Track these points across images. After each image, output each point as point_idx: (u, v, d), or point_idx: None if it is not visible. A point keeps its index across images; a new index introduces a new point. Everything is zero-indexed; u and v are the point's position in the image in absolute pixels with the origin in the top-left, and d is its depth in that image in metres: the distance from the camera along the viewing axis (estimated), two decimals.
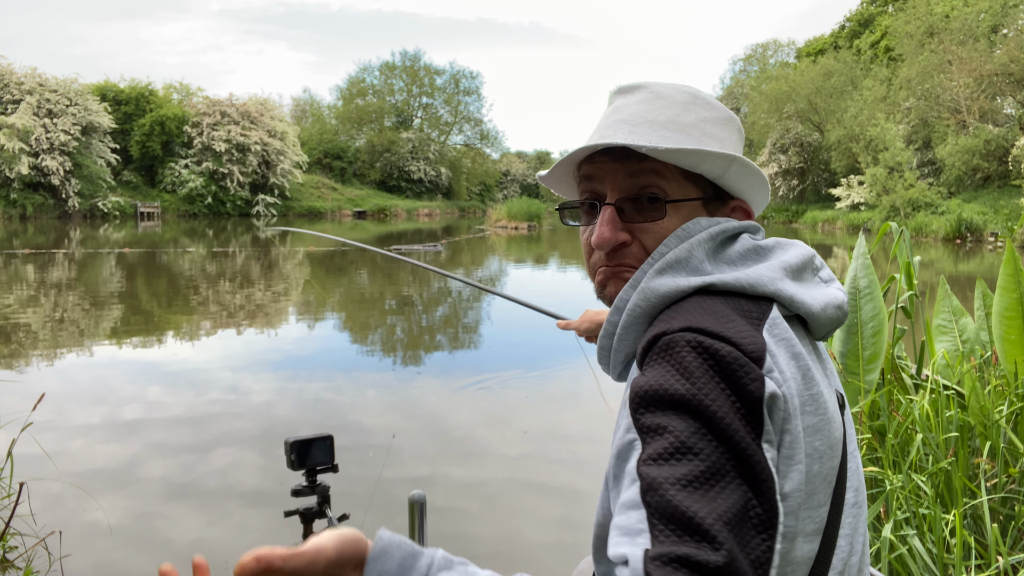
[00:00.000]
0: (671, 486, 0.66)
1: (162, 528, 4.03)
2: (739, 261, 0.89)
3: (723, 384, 0.71)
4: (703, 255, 0.88)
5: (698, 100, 0.98)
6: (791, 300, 0.84)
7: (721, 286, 0.83)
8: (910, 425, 2.97)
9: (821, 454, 0.79)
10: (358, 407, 6.55)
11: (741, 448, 0.68)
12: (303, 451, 1.97)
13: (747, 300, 0.83)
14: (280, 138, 50.83)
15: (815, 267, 0.94)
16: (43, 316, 10.83)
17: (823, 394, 0.81)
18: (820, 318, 0.87)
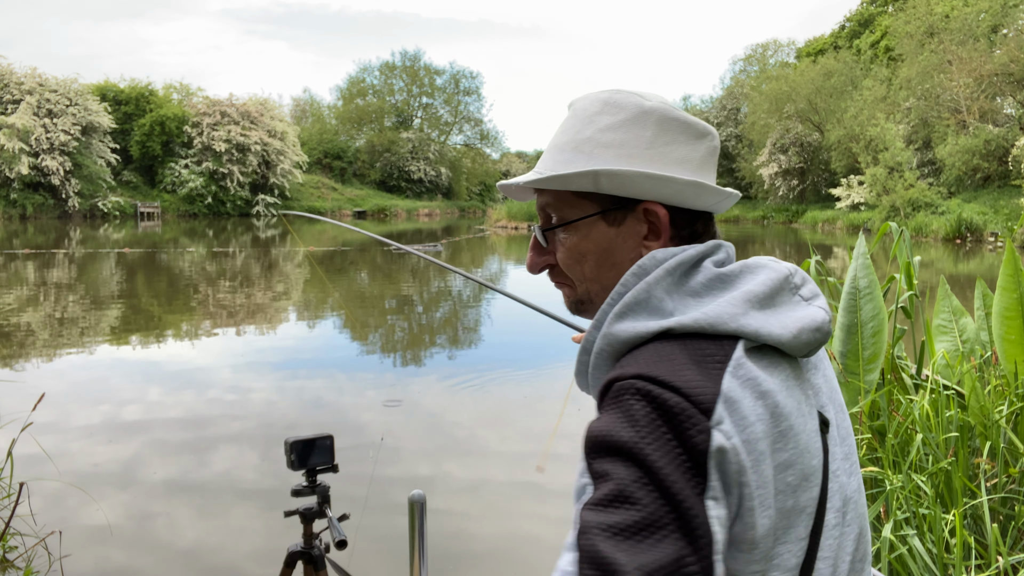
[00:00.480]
0: (601, 532, 0.66)
1: (162, 528, 4.03)
2: (704, 292, 0.85)
3: (669, 435, 0.71)
4: (662, 293, 0.85)
5: (608, 106, 0.93)
6: (756, 334, 0.81)
7: (680, 330, 0.81)
8: (910, 425, 2.97)
9: (795, 487, 0.78)
10: (358, 407, 6.55)
11: (679, 501, 0.68)
12: (303, 451, 1.97)
13: (709, 341, 0.80)
14: (280, 138, 50.84)
15: (793, 286, 0.88)
16: (43, 316, 10.83)
17: (795, 426, 0.80)
18: (793, 345, 0.83)
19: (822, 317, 0.86)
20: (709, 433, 0.72)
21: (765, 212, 50.23)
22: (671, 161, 0.91)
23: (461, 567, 3.61)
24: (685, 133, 0.92)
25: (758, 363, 0.80)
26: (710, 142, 0.94)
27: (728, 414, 0.74)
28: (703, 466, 0.71)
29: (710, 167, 0.94)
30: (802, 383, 0.85)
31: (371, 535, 3.92)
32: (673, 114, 0.92)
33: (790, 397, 0.81)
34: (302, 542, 2.03)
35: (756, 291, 0.84)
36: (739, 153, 57.68)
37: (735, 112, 60.59)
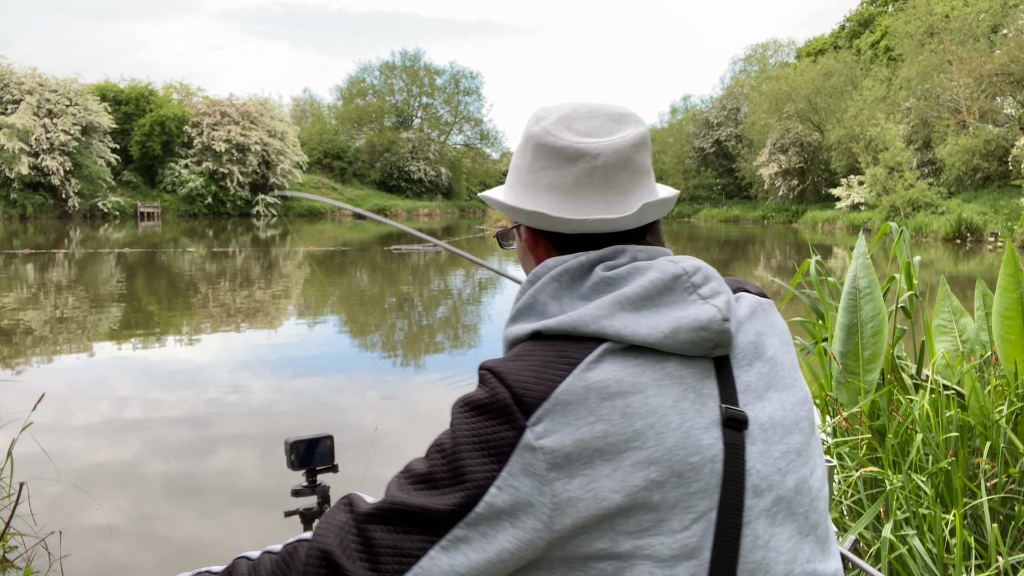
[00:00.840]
0: (401, 476, 0.87)
1: (162, 528, 4.03)
2: (591, 296, 0.91)
3: (485, 423, 0.83)
4: (547, 298, 0.93)
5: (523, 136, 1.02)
6: (618, 335, 0.85)
7: (547, 331, 0.89)
8: (910, 425, 2.97)
9: (662, 483, 0.82)
10: (358, 407, 6.55)
11: (461, 475, 0.81)
12: (303, 451, 1.97)
13: (572, 342, 0.87)
14: (280, 138, 50.83)
15: (688, 285, 0.90)
16: (43, 316, 10.84)
17: (656, 425, 0.83)
18: (667, 345, 0.85)
19: (709, 316, 0.88)
20: (521, 431, 0.81)
21: (765, 212, 50.23)
22: (541, 187, 0.97)
23: None
24: (555, 159, 0.96)
25: (622, 363, 0.85)
26: (587, 163, 0.94)
27: (552, 416, 0.81)
28: (505, 457, 0.81)
29: (585, 188, 0.95)
30: (693, 382, 0.87)
31: None
32: (546, 140, 0.96)
33: (662, 396, 0.84)
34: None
35: (630, 293, 0.88)
36: (739, 153, 57.68)
37: (735, 112, 60.58)
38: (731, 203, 58.28)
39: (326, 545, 0.81)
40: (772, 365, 0.95)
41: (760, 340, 0.96)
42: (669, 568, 0.81)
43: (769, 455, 0.88)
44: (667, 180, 62.76)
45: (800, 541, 0.89)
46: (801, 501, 0.90)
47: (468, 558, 0.80)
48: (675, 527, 0.82)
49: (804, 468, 0.92)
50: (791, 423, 0.93)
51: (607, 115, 0.99)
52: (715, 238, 34.85)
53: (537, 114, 1.01)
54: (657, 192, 1.02)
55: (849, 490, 2.84)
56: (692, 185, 62.34)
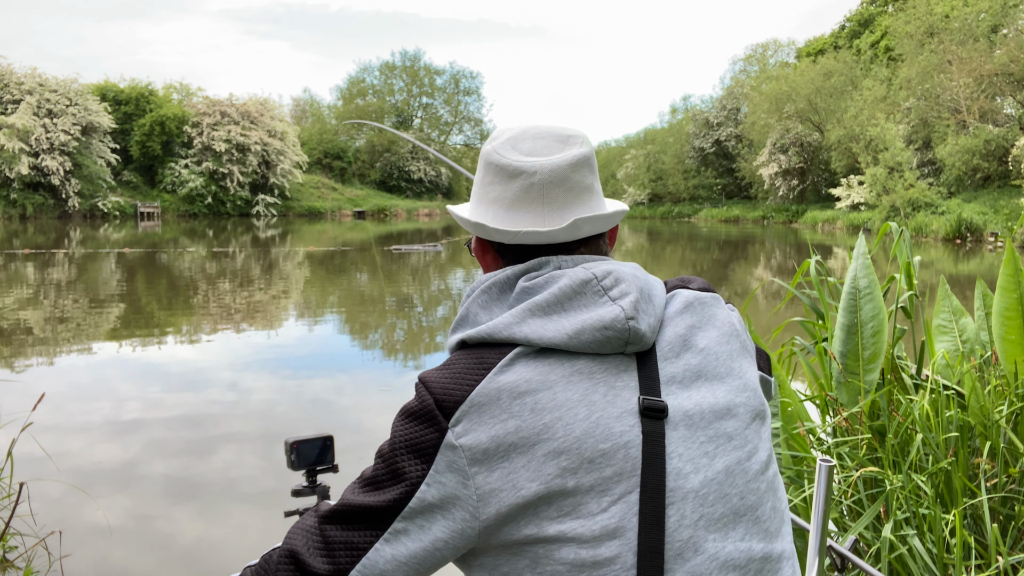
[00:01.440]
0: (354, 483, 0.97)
1: (162, 528, 4.03)
2: (514, 305, 1.00)
3: (414, 427, 0.93)
4: (478, 309, 1.02)
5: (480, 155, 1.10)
6: (527, 340, 0.94)
7: (470, 340, 0.99)
8: (910, 425, 2.97)
9: (575, 470, 0.88)
10: (358, 407, 6.55)
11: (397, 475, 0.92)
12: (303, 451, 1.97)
13: (491, 348, 0.96)
14: (280, 138, 50.83)
15: (598, 289, 0.97)
16: (43, 316, 10.84)
17: (563, 418, 0.90)
18: (573, 345, 0.94)
19: (612, 315, 0.95)
20: (444, 432, 0.91)
21: (765, 212, 50.23)
22: (488, 200, 1.07)
23: None
24: (499, 175, 1.05)
25: (532, 364, 0.94)
26: (525, 180, 1.03)
27: (470, 417, 0.91)
28: (431, 456, 0.91)
29: (524, 203, 1.03)
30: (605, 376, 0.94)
31: None
32: (492, 158, 1.06)
33: (570, 391, 0.92)
34: None
35: (540, 301, 0.97)
36: (739, 153, 57.67)
37: (735, 112, 60.57)
38: (731, 203, 58.27)
39: (293, 546, 0.93)
40: (704, 356, 1.01)
41: (690, 333, 1.02)
42: (593, 548, 0.87)
43: (694, 440, 0.94)
44: (667, 180, 62.79)
45: (733, 521, 0.94)
46: (735, 483, 0.95)
47: (407, 548, 0.91)
48: (593, 510, 0.88)
49: (738, 452, 0.97)
50: (722, 409, 0.98)
51: (554, 136, 1.07)
52: (715, 238, 34.84)
53: (493, 134, 1.11)
54: (599, 208, 1.08)
55: (849, 490, 2.84)
56: (692, 185, 62.34)
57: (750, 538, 0.94)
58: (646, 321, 0.97)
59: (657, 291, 1.03)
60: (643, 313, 0.97)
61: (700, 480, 0.92)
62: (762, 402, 1.05)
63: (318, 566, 0.91)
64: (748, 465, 0.97)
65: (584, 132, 1.10)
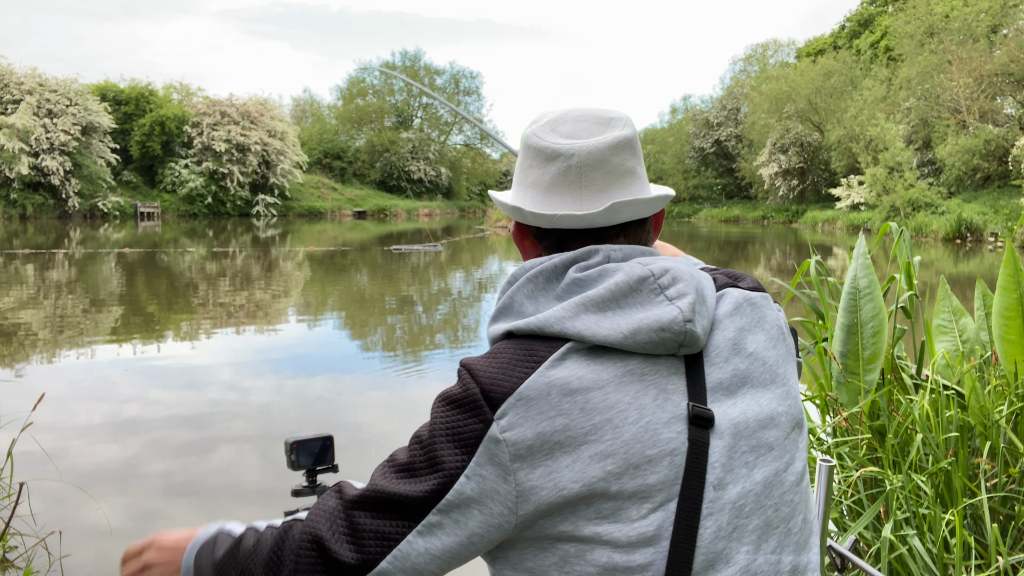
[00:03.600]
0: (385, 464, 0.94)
1: (162, 528, 4.03)
2: (563, 296, 0.96)
3: (457, 416, 0.90)
4: (523, 298, 0.98)
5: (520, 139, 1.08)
6: (580, 336, 0.91)
7: (518, 332, 0.95)
8: (910, 425, 2.97)
9: (620, 474, 0.86)
10: (358, 407, 6.55)
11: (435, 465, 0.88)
12: (303, 451, 1.96)
13: (540, 341, 0.93)
14: (280, 138, 50.82)
15: (655, 287, 0.94)
16: (43, 316, 10.84)
17: (613, 420, 0.87)
18: (628, 345, 0.90)
19: (670, 316, 0.91)
20: (488, 424, 0.87)
21: (765, 212, 50.22)
22: (528, 183, 1.04)
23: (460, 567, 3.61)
24: (537, 158, 1.03)
25: (584, 362, 0.90)
26: (563, 162, 1.00)
27: (516, 410, 0.87)
28: (473, 448, 0.87)
29: (561, 186, 1.01)
30: (656, 379, 0.91)
31: None
32: (532, 141, 1.04)
33: (622, 392, 0.89)
34: None
35: (595, 295, 0.93)
36: (739, 153, 57.66)
37: (735, 112, 60.57)
38: (731, 203, 58.27)
39: (316, 530, 0.89)
40: (751, 361, 0.98)
41: (740, 337, 0.98)
42: (627, 553, 0.86)
43: (736, 450, 0.92)
44: (667, 180, 62.73)
45: (766, 532, 0.92)
46: (771, 494, 0.94)
47: (442, 542, 0.88)
48: (632, 516, 0.87)
49: (777, 463, 0.95)
50: (766, 419, 0.96)
51: (595, 119, 1.04)
52: (715, 238, 34.84)
53: (534, 117, 1.07)
54: (641, 192, 1.03)
55: (849, 490, 2.84)
56: (692, 185, 62.32)
57: (781, 550, 0.93)
58: (701, 324, 0.94)
59: (710, 291, 0.99)
60: (699, 315, 0.94)
61: (738, 491, 0.91)
62: (801, 410, 1.03)
63: (345, 555, 0.88)
64: (785, 476, 0.96)
65: (628, 114, 1.06)
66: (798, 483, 0.97)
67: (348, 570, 0.87)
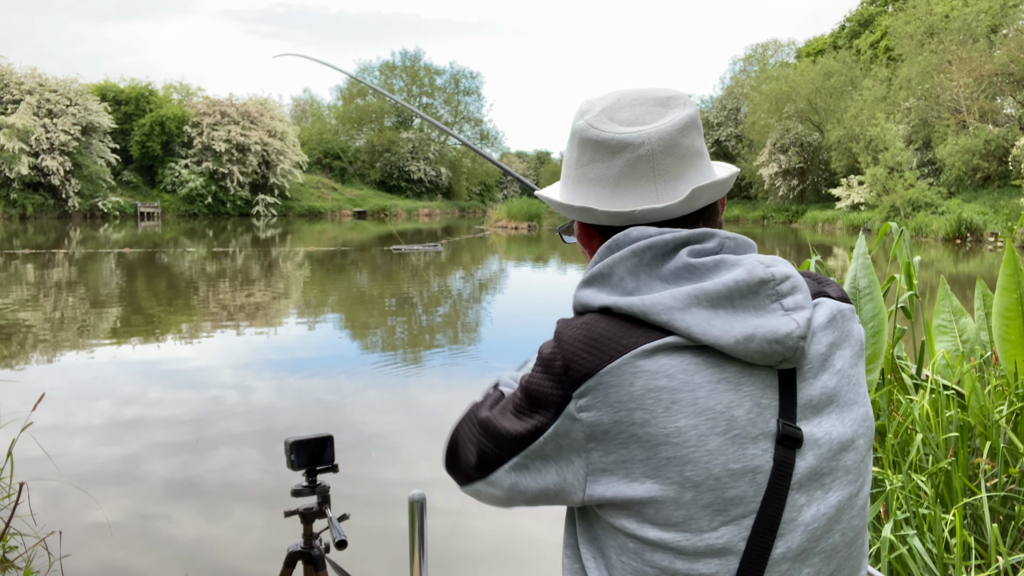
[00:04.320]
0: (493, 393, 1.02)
1: (162, 528, 4.03)
2: (671, 280, 0.89)
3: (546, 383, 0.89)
4: (624, 272, 0.90)
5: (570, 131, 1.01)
6: (687, 331, 0.84)
7: (617, 310, 0.89)
8: (910, 425, 2.97)
9: (697, 484, 0.83)
10: (358, 407, 6.55)
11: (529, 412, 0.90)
12: (303, 451, 1.97)
13: (640, 326, 0.87)
14: (280, 138, 50.80)
15: (776, 293, 0.87)
16: (43, 316, 10.84)
17: (699, 427, 0.83)
18: (736, 351, 0.84)
19: (787, 330, 0.85)
20: (567, 399, 0.86)
21: (765, 212, 50.21)
22: (590, 180, 0.96)
23: (461, 567, 3.61)
24: (599, 151, 0.95)
25: (679, 358, 0.85)
26: (631, 153, 0.93)
27: (596, 393, 0.85)
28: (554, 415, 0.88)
29: (632, 178, 0.94)
30: (752, 391, 0.86)
31: (371, 535, 3.92)
32: (589, 133, 0.95)
33: (714, 399, 0.84)
34: (302, 542, 2.03)
35: (710, 289, 0.86)
36: (739, 153, 57.66)
37: (735, 112, 60.56)
38: (731, 203, 58.22)
39: (457, 434, 1.02)
40: (839, 378, 0.92)
41: (831, 352, 0.92)
42: (691, 562, 0.84)
43: (818, 471, 0.88)
44: None
45: (830, 556, 0.90)
46: (841, 519, 0.91)
47: (524, 481, 0.92)
48: (703, 526, 0.84)
49: (851, 487, 0.92)
50: (848, 440, 0.91)
51: (652, 100, 0.96)
52: None
53: (582, 107, 0.99)
54: (712, 174, 0.97)
55: None
56: None
57: (838, 573, 0.92)
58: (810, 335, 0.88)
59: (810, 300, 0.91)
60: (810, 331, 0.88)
61: (812, 514, 0.87)
62: (873, 430, 0.99)
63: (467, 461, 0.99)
64: (855, 500, 0.92)
65: (684, 91, 0.99)
66: (865, 507, 0.95)
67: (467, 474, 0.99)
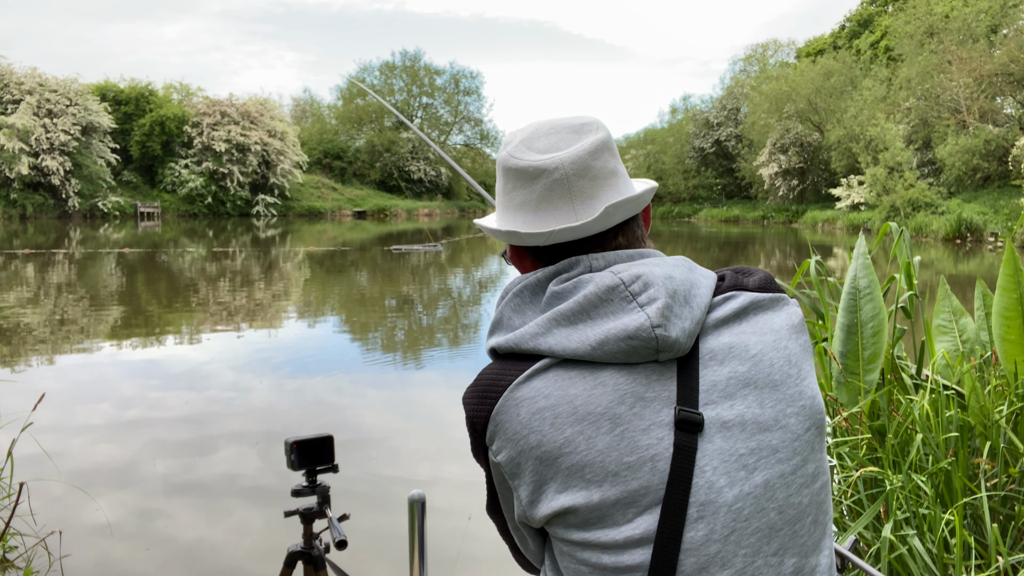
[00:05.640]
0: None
1: (162, 528, 4.03)
2: (545, 309, 0.98)
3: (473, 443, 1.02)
4: (511, 312, 1.01)
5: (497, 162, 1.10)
6: (551, 351, 0.93)
7: (500, 350, 0.99)
8: (910, 425, 2.97)
9: (599, 482, 0.89)
10: (358, 407, 6.55)
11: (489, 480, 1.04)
12: (303, 451, 1.97)
13: (515, 360, 0.97)
14: (280, 138, 50.80)
15: (626, 295, 0.93)
16: (43, 316, 10.84)
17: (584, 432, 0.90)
18: (596, 356, 0.91)
19: (637, 324, 0.91)
20: (487, 449, 0.99)
21: (765, 212, 50.19)
22: (515, 205, 1.03)
23: (461, 567, 3.61)
24: (520, 179, 1.02)
25: (553, 377, 0.93)
26: (547, 178, 0.99)
27: (499, 435, 0.95)
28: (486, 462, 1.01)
29: (551, 201, 1.00)
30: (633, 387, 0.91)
31: (371, 535, 3.92)
32: (510, 163, 1.03)
33: (592, 403, 0.91)
34: (302, 542, 2.03)
35: (565, 309, 0.94)
36: (739, 153, 57.64)
37: (735, 112, 60.54)
38: (731, 203, 58.24)
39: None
40: (755, 363, 0.95)
41: (741, 340, 0.95)
42: (616, 555, 0.89)
43: (732, 452, 0.91)
44: (667, 180, 62.78)
45: (769, 536, 0.90)
46: (774, 497, 0.91)
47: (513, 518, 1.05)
48: (619, 520, 0.89)
49: (783, 465, 0.92)
50: (769, 420, 0.93)
51: (567, 128, 1.03)
52: (715, 238, 34.84)
53: (505, 139, 1.07)
54: (628, 190, 1.03)
55: (849, 490, 2.84)
56: (692, 185, 62.31)
57: (783, 553, 0.91)
58: (679, 326, 0.92)
59: (699, 291, 0.96)
60: (676, 318, 0.92)
61: (735, 494, 0.89)
62: (820, 411, 0.98)
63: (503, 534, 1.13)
64: (792, 479, 0.92)
65: (596, 116, 1.06)
66: (809, 484, 0.94)
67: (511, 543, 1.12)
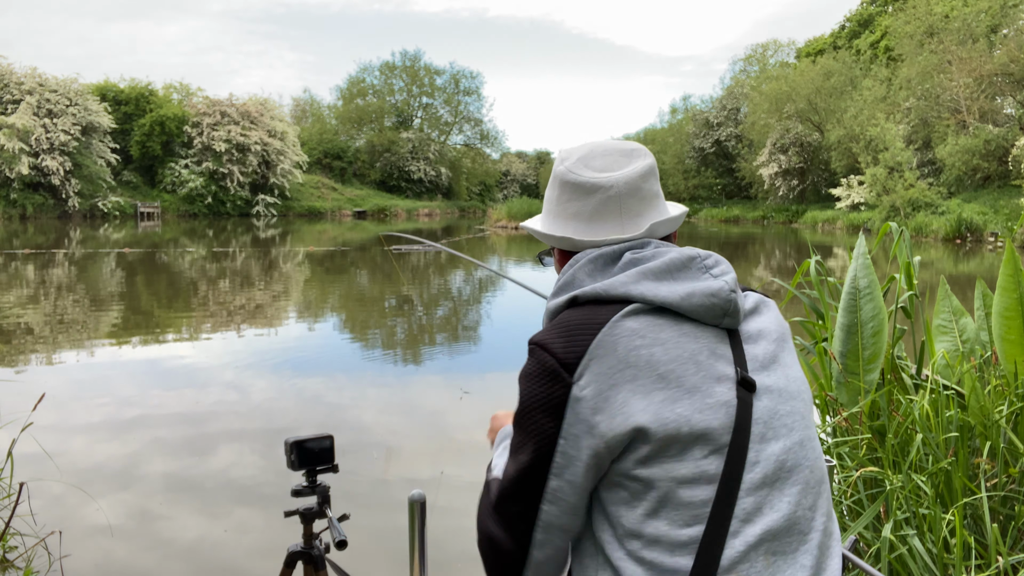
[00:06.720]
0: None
1: (162, 528, 4.03)
2: (619, 273, 1.10)
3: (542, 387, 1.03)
4: (584, 275, 1.12)
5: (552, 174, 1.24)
6: (643, 296, 1.04)
7: (582, 298, 1.09)
8: (910, 425, 2.97)
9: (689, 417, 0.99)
10: (358, 407, 6.55)
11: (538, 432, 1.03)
12: (303, 451, 1.96)
13: (603, 305, 1.06)
14: (280, 138, 50.81)
15: (702, 266, 1.10)
16: (43, 316, 10.84)
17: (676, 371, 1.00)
18: (684, 306, 1.04)
19: (718, 286, 1.07)
20: (569, 387, 1.01)
21: (765, 212, 50.20)
22: (568, 215, 1.19)
23: (461, 567, 3.61)
24: (576, 192, 1.18)
25: (646, 320, 1.04)
26: (603, 194, 1.16)
27: (590, 369, 1.00)
28: (562, 412, 1.01)
29: (603, 215, 1.16)
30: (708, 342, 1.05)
31: (371, 535, 3.92)
32: (568, 177, 1.19)
33: (680, 348, 1.02)
34: (302, 542, 2.03)
35: (652, 266, 1.08)
36: (739, 153, 57.66)
37: (735, 112, 60.56)
38: (731, 203, 58.25)
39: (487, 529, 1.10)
40: (778, 345, 1.13)
41: (763, 327, 1.13)
42: (690, 489, 0.98)
43: (777, 411, 1.06)
44: (667, 180, 62.78)
45: (805, 490, 1.04)
46: (807, 456, 1.07)
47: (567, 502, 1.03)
48: (696, 455, 0.99)
49: (808, 430, 1.09)
50: (795, 392, 1.10)
51: (619, 152, 1.20)
52: (715, 238, 34.83)
53: (561, 155, 1.23)
54: (666, 212, 1.21)
55: (849, 490, 2.84)
56: (692, 185, 62.31)
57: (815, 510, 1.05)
58: (741, 299, 1.09)
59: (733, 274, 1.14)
60: (739, 292, 1.09)
61: (781, 446, 1.03)
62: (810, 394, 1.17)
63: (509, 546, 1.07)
64: (814, 444, 1.09)
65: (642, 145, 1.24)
66: (820, 456, 1.11)
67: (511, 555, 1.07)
